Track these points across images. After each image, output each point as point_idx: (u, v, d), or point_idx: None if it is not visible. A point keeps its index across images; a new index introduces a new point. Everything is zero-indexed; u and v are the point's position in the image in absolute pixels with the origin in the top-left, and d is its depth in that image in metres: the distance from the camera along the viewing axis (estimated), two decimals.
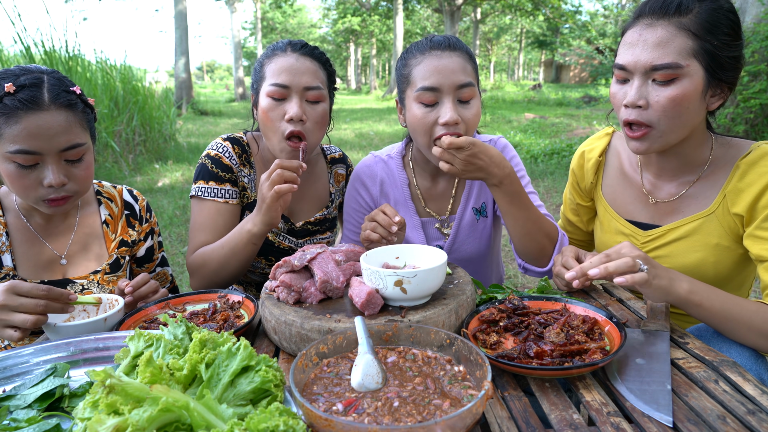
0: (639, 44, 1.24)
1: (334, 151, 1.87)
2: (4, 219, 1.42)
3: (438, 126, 1.44)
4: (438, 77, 1.42)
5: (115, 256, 1.54)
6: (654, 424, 0.82)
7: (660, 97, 1.22)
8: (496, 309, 1.15)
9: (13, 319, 1.10)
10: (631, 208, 1.51)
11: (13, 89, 1.24)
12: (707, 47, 1.20)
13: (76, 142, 1.31)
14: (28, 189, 1.30)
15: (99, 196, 1.58)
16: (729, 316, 1.14)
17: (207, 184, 1.59)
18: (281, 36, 45.23)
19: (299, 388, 0.82)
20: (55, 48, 6.94)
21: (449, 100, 1.43)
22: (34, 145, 1.25)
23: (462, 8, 26.35)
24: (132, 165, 7.60)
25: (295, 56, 1.53)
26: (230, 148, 1.63)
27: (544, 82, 41.23)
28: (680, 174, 1.41)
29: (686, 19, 1.20)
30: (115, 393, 0.71)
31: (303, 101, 1.52)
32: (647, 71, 1.23)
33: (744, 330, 1.14)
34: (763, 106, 6.68)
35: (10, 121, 1.24)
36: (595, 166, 1.57)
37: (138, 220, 1.60)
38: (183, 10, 17.45)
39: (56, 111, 1.28)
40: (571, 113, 14.72)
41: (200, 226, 1.59)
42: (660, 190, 1.45)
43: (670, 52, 1.20)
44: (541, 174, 7.03)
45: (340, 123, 14.45)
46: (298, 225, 1.72)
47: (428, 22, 39.13)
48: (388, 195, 1.71)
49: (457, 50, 1.47)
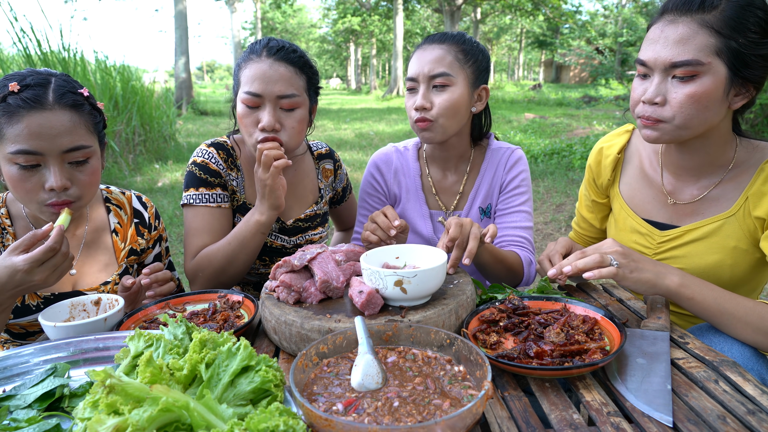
0: (660, 41, 1.23)
1: (320, 147, 1.87)
2: (13, 229, 1.40)
3: (413, 110, 1.58)
4: (416, 67, 1.58)
5: (125, 265, 1.51)
6: (654, 424, 0.82)
7: (679, 94, 1.21)
8: (496, 309, 1.15)
9: (42, 270, 1.11)
10: (649, 208, 1.49)
11: (17, 88, 1.22)
12: (732, 45, 1.17)
13: (80, 143, 1.27)
14: (30, 193, 1.26)
15: (108, 203, 1.54)
16: (724, 311, 1.14)
17: (197, 191, 1.60)
18: (281, 36, 45.19)
19: (299, 388, 0.82)
20: (53, 48, 6.94)
21: (423, 87, 1.56)
22: (36, 145, 1.22)
23: (462, 8, 26.35)
24: (132, 165, 7.59)
25: (269, 62, 1.50)
26: (215, 153, 1.62)
27: (544, 82, 41.26)
28: (702, 175, 1.39)
29: (710, 15, 1.18)
30: (115, 393, 0.71)
31: (276, 109, 1.51)
32: (667, 68, 1.22)
33: (740, 326, 1.14)
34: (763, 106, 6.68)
35: (13, 120, 1.21)
36: (613, 163, 1.55)
37: (147, 228, 1.58)
38: (183, 10, 17.45)
39: (60, 111, 1.24)
40: (571, 113, 14.73)
41: (196, 231, 1.59)
42: (680, 192, 1.43)
43: (690, 49, 1.18)
44: (541, 174, 7.03)
45: (340, 123, 14.46)
46: (288, 223, 1.73)
47: (428, 22, 39.13)
48: (400, 183, 1.77)
49: (444, 42, 1.58)
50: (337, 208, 1.98)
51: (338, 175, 1.89)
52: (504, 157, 1.72)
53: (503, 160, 1.71)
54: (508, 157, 1.72)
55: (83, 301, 1.25)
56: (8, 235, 1.38)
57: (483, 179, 1.72)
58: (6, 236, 1.38)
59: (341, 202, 1.96)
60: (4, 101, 1.22)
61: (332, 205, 1.95)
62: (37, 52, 6.70)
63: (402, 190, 1.77)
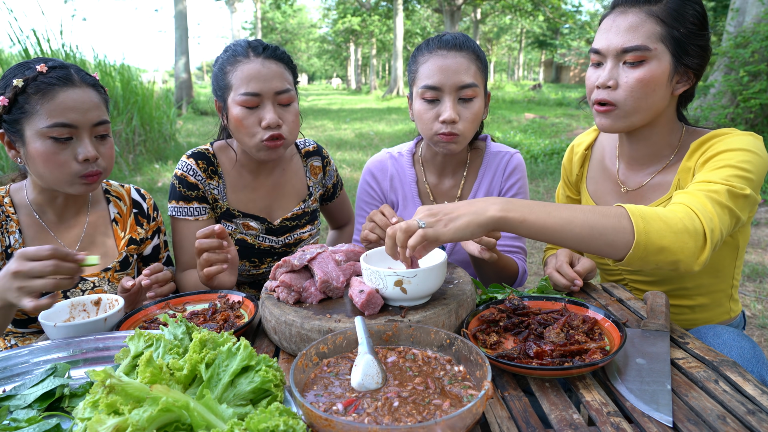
0: (612, 29, 1.32)
1: (308, 144, 1.87)
2: (16, 216, 1.45)
3: (437, 122, 1.50)
4: (440, 77, 1.48)
5: (125, 253, 1.56)
6: (654, 424, 0.82)
7: (629, 78, 1.30)
8: (496, 309, 1.15)
9: (31, 284, 1.10)
10: (608, 198, 1.56)
11: (45, 69, 1.33)
12: (674, 33, 1.28)
13: (104, 118, 1.40)
14: (63, 166, 1.35)
15: (107, 194, 1.60)
16: (562, 219, 1.03)
17: (178, 204, 1.64)
18: (281, 36, 45.26)
19: (299, 388, 0.82)
20: (53, 48, 6.94)
21: (449, 99, 1.49)
22: (71, 118, 1.33)
23: (462, 8, 26.35)
24: (132, 165, 7.59)
25: (260, 61, 1.52)
26: (194, 165, 1.63)
27: (544, 82, 41.25)
28: (649, 163, 1.46)
29: (656, 7, 1.29)
30: (115, 393, 0.72)
31: (276, 106, 1.54)
32: (618, 54, 1.31)
33: (586, 231, 1.03)
34: (763, 106, 6.67)
35: (47, 96, 1.31)
36: (581, 160, 1.64)
37: (146, 218, 1.63)
38: (183, 10, 17.44)
39: (87, 88, 1.38)
40: (571, 113, 14.73)
41: (178, 245, 1.66)
42: (631, 180, 1.50)
43: (639, 35, 1.28)
44: (541, 174, 7.03)
45: (340, 123, 14.46)
46: (275, 223, 1.74)
47: (428, 22, 39.13)
48: (397, 190, 1.74)
49: (463, 50, 1.50)
50: (329, 205, 1.97)
51: (327, 172, 1.88)
52: (503, 162, 1.70)
53: (502, 165, 1.69)
54: (507, 162, 1.69)
55: (83, 301, 1.25)
56: (12, 222, 1.44)
57: (481, 184, 1.70)
58: (10, 223, 1.44)
59: (332, 199, 1.95)
60: (35, 80, 1.32)
61: (323, 203, 1.94)
62: (37, 51, 6.70)
63: (399, 196, 1.74)
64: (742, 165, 1.22)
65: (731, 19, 7.59)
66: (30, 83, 1.32)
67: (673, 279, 1.45)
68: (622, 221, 1.03)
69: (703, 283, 1.45)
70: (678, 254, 1.05)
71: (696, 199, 1.14)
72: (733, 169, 1.21)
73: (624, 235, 1.03)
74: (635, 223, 1.02)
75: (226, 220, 1.69)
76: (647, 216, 1.04)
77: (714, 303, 1.49)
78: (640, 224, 1.02)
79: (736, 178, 1.19)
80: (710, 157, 1.28)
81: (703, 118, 7.08)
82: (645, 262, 1.06)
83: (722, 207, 1.15)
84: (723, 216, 1.15)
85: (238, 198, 1.70)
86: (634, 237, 1.02)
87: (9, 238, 1.42)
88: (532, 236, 1.05)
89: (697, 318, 1.49)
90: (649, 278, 1.49)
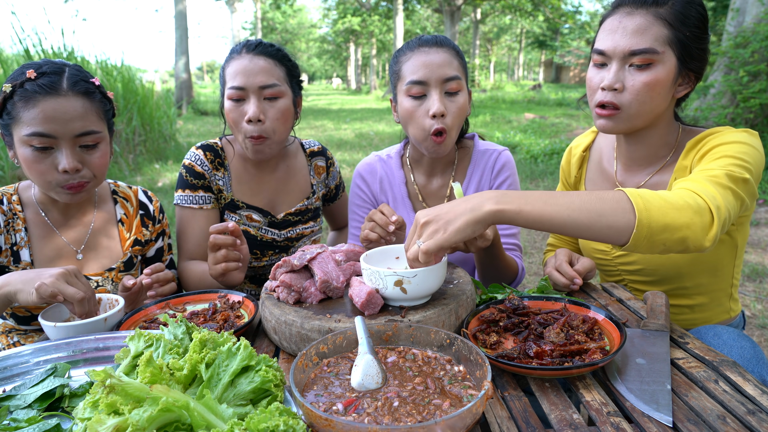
0: (618, 31, 1.30)
1: (312, 145, 1.90)
2: (23, 214, 1.46)
3: (428, 119, 1.49)
4: (425, 71, 1.48)
5: (129, 254, 1.57)
6: (654, 424, 0.82)
7: (635, 81, 1.29)
8: (496, 309, 1.15)
9: (65, 289, 1.13)
10: None
11: (34, 75, 1.31)
12: (680, 36, 1.27)
13: (91, 128, 1.35)
14: (44, 174, 1.33)
15: (115, 195, 1.61)
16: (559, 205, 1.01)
17: (184, 192, 1.68)
18: (281, 36, 45.27)
19: (299, 388, 0.82)
20: (54, 48, 6.94)
21: (436, 92, 1.48)
22: (49, 128, 1.29)
23: (462, 8, 26.36)
24: (132, 165, 7.59)
25: (249, 57, 1.57)
26: (202, 155, 1.68)
27: (543, 82, 41.24)
28: (647, 164, 1.46)
29: (662, 9, 1.27)
30: (115, 393, 0.72)
31: (260, 100, 1.56)
32: (625, 56, 1.29)
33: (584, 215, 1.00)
34: (763, 106, 6.67)
35: (29, 105, 1.29)
36: (579, 161, 1.64)
37: (151, 219, 1.64)
38: (183, 10, 17.44)
39: (74, 97, 1.32)
40: (570, 113, 14.73)
41: (182, 233, 1.69)
42: (628, 180, 1.50)
43: (647, 38, 1.26)
44: (541, 174, 7.02)
45: (340, 123, 14.46)
46: (279, 217, 1.77)
47: (428, 22, 39.12)
48: (386, 192, 1.74)
49: (444, 46, 1.52)
50: (330, 206, 2.00)
51: (331, 173, 1.91)
52: (491, 160, 1.68)
53: (490, 163, 1.68)
54: (495, 160, 1.68)
55: None
56: (18, 220, 1.45)
57: (470, 183, 1.68)
58: (16, 221, 1.45)
59: (334, 200, 1.98)
60: (22, 87, 1.30)
61: (325, 203, 1.97)
62: (39, 51, 6.70)
63: (389, 198, 1.74)
64: (739, 155, 1.21)
65: (731, 19, 7.58)
66: (17, 89, 1.30)
67: (672, 278, 1.45)
68: (621, 202, 1.01)
69: (703, 282, 1.45)
70: (684, 230, 1.01)
71: (696, 183, 1.12)
72: (730, 159, 1.21)
73: (624, 214, 1.00)
74: (635, 202, 1.00)
75: (230, 211, 1.72)
76: (646, 195, 1.02)
77: (714, 302, 1.49)
78: (640, 203, 1.00)
79: (734, 166, 1.19)
80: (707, 152, 1.28)
81: (702, 119, 7.08)
82: (652, 243, 1.01)
83: (724, 188, 1.13)
84: (727, 195, 1.12)
85: (243, 190, 1.73)
86: (635, 216, 0.99)
87: (15, 236, 1.43)
88: (530, 226, 1.02)
89: (697, 318, 1.49)
90: (648, 278, 1.49)
